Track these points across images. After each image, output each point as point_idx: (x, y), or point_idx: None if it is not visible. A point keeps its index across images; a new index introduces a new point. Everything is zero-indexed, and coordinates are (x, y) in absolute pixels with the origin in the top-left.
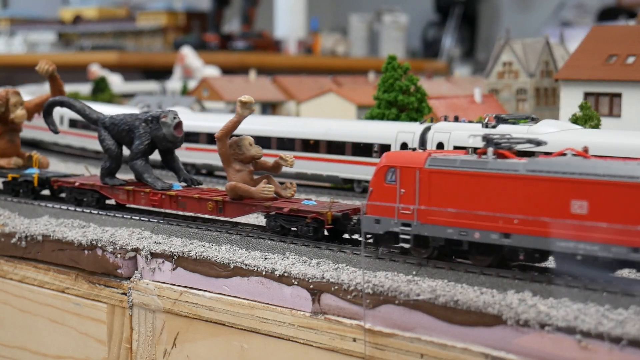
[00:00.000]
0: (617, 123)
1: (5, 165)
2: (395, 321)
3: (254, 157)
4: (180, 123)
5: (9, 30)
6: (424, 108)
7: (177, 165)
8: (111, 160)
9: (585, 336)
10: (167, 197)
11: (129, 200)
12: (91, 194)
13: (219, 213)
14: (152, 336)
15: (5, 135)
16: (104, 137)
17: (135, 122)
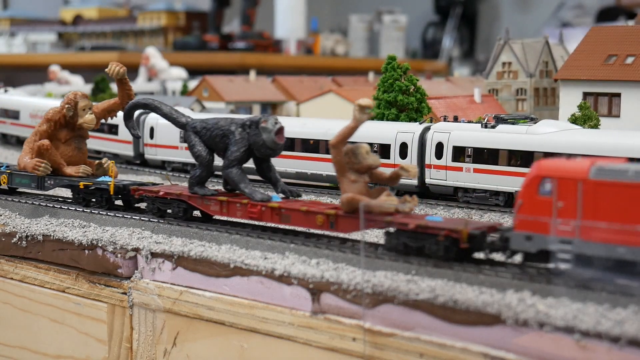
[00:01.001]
0: (616, 123)
1: (74, 174)
2: (395, 321)
3: (371, 166)
4: (282, 129)
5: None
6: (423, 108)
7: (274, 175)
8: (202, 168)
9: (584, 336)
10: (268, 209)
11: (222, 212)
12: (177, 204)
13: (330, 228)
14: (153, 336)
15: (73, 142)
16: (194, 142)
17: (230, 126)
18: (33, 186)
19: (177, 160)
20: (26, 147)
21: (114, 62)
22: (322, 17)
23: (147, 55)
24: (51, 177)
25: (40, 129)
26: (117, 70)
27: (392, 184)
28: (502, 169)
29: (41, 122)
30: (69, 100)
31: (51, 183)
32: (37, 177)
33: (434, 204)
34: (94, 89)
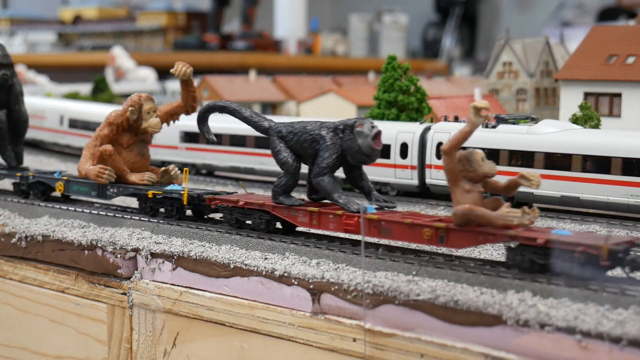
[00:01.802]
0: (617, 123)
1: (138, 181)
2: (395, 321)
3: (487, 175)
4: (379, 133)
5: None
6: (424, 108)
7: (367, 184)
8: (288, 176)
9: (585, 336)
10: (366, 221)
11: (311, 224)
12: (259, 215)
13: (438, 242)
14: (152, 336)
15: (136, 147)
16: (280, 148)
17: (321, 131)
18: (93, 194)
19: (177, 161)
20: (86, 153)
21: (181, 62)
22: (322, 17)
23: (113, 55)
24: (114, 185)
25: (101, 133)
26: (183, 70)
27: (507, 193)
28: (502, 169)
29: (102, 126)
30: (132, 103)
31: (114, 191)
32: (98, 184)
33: (434, 204)
34: (94, 89)
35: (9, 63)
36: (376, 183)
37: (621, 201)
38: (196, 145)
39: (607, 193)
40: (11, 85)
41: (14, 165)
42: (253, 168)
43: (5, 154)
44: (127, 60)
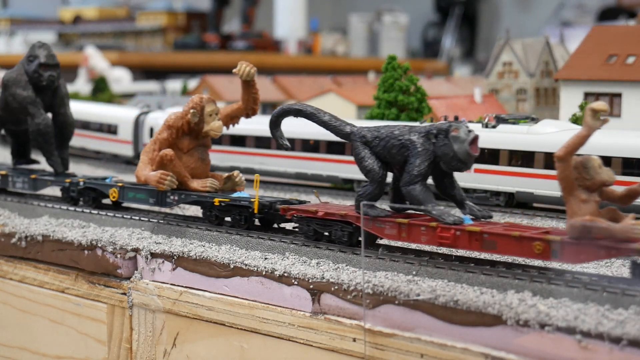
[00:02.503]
0: (617, 123)
1: (200, 188)
2: (395, 321)
3: (605, 182)
4: (476, 138)
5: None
6: (424, 108)
7: (459, 193)
8: (374, 185)
9: (585, 336)
10: (465, 233)
11: (400, 237)
12: (341, 227)
13: (551, 257)
14: (152, 336)
15: (196, 152)
16: (364, 155)
17: (410, 136)
18: (151, 202)
19: None
20: (144, 158)
21: (244, 62)
22: (322, 17)
23: (87, 55)
24: (175, 192)
25: (160, 137)
26: (247, 70)
27: (625, 203)
28: (502, 169)
29: (161, 130)
30: (194, 105)
31: (175, 199)
32: (157, 191)
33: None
34: (94, 89)
35: (55, 63)
36: None
37: None
38: None
39: None
40: (57, 87)
41: (60, 171)
42: (253, 168)
43: (51, 159)
44: (101, 61)
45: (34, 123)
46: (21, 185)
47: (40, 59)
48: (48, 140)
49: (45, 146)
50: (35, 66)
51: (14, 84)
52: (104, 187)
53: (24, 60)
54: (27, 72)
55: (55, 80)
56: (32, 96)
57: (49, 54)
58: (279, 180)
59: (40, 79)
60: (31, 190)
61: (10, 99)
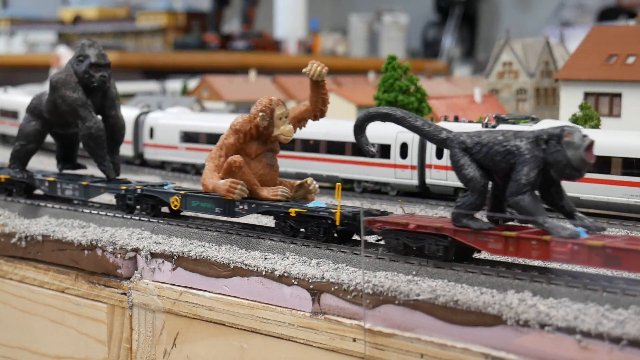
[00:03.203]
0: (617, 123)
1: (271, 197)
2: (395, 321)
3: None
4: (592, 144)
5: (9, 30)
6: (424, 108)
7: (568, 203)
8: (475, 195)
9: (585, 336)
10: (584, 248)
11: (507, 251)
12: (436, 240)
13: None
14: (152, 336)
15: (264, 158)
16: (464, 162)
17: (516, 141)
18: (218, 212)
19: (177, 161)
20: (210, 165)
21: (315, 62)
22: (322, 17)
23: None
24: (244, 201)
25: (226, 142)
26: (319, 70)
27: None
28: None
29: (227, 134)
30: (263, 107)
31: (244, 208)
32: (224, 200)
33: (435, 205)
34: None
35: (106, 63)
36: (376, 183)
37: (621, 201)
38: (196, 145)
39: (607, 193)
40: (107, 88)
41: (113, 177)
42: None
43: (103, 165)
44: None
45: (85, 127)
46: (71, 192)
47: (91, 58)
48: (100, 145)
49: (97, 151)
50: (86, 66)
51: (63, 85)
52: (164, 194)
53: (73, 60)
54: (77, 72)
55: (107, 81)
56: (83, 98)
57: (99, 53)
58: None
59: (91, 79)
60: (83, 198)
61: (59, 101)
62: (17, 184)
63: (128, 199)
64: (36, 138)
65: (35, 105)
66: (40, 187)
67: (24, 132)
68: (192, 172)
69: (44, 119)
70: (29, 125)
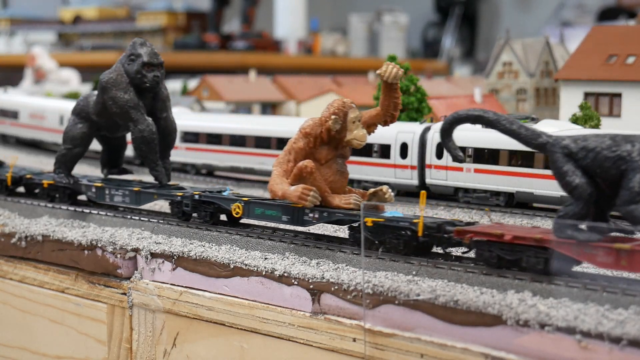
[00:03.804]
0: (617, 123)
1: (343, 205)
2: (395, 321)
3: None
4: None
5: (9, 30)
6: (424, 108)
7: None
8: (581, 204)
9: (585, 336)
10: None
11: (619, 265)
12: (535, 253)
13: None
14: (152, 336)
15: (334, 164)
16: (568, 169)
17: (627, 146)
18: (285, 220)
19: (177, 161)
20: (278, 170)
21: (390, 63)
22: (322, 17)
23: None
24: (315, 209)
25: (295, 146)
26: (394, 72)
27: None
28: (502, 169)
29: (296, 138)
30: (336, 110)
31: (315, 217)
32: (292, 208)
33: (435, 204)
34: (94, 89)
35: (159, 63)
36: (376, 183)
37: None
38: (196, 145)
39: None
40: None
41: (165, 182)
42: (253, 168)
43: (156, 170)
44: (48, 61)
45: (137, 129)
46: (121, 198)
47: (143, 57)
48: (152, 149)
49: (149, 155)
50: (138, 66)
51: (114, 86)
52: (225, 201)
53: (124, 60)
54: (128, 72)
55: (160, 82)
56: (135, 99)
57: (152, 52)
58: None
59: (144, 80)
60: (134, 205)
61: (109, 103)
62: (60, 190)
63: (185, 206)
64: (83, 141)
65: (82, 107)
66: (87, 193)
67: (69, 135)
68: (192, 172)
69: (91, 122)
70: (75, 128)
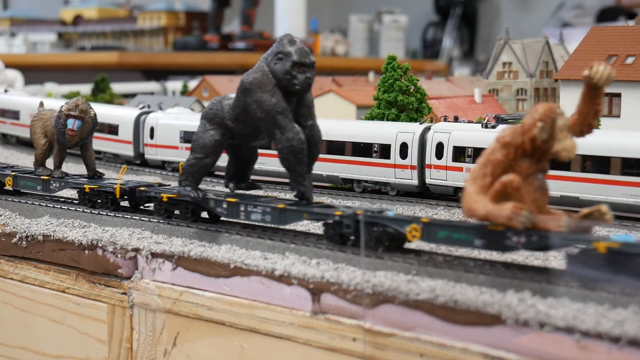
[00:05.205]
0: (617, 123)
1: (555, 228)
2: (395, 321)
3: None
4: None
5: (9, 30)
6: (423, 108)
7: None
8: None
9: (584, 336)
10: None
11: None
12: None
13: None
14: (153, 336)
15: (535, 180)
16: None
17: None
18: (479, 244)
19: (177, 161)
20: (475, 186)
21: (601, 63)
22: (322, 17)
23: None
24: (522, 232)
25: (492, 158)
26: (606, 74)
27: None
28: None
29: (492, 149)
30: (542, 116)
31: (521, 241)
32: (489, 231)
33: (434, 204)
34: (94, 89)
35: (311, 63)
36: (376, 183)
37: (621, 201)
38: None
39: (607, 193)
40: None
41: (312, 200)
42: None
43: (304, 185)
44: None
45: (285, 138)
46: (260, 216)
47: (293, 56)
48: (301, 160)
49: (297, 167)
50: (288, 66)
51: (259, 87)
52: (396, 223)
53: (269, 58)
54: (275, 73)
55: (312, 84)
56: (283, 104)
57: (302, 50)
58: (280, 180)
59: (293, 81)
60: (275, 223)
61: (253, 107)
62: (182, 205)
63: (346, 227)
64: (215, 150)
65: (215, 112)
66: (216, 209)
67: (200, 143)
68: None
69: (226, 128)
70: (206, 135)
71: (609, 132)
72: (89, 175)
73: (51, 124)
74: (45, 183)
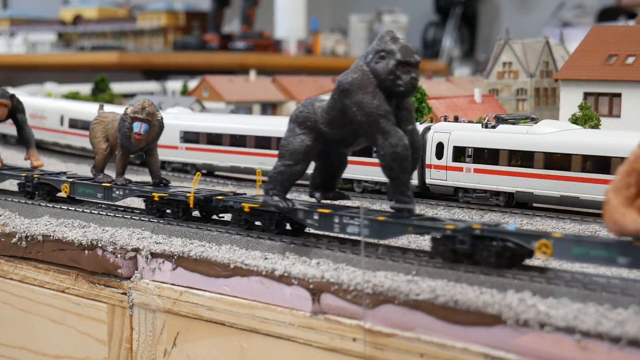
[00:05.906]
0: (617, 123)
1: None
2: (395, 321)
3: None
4: None
5: (10, 30)
6: (424, 108)
7: None
8: None
9: (584, 336)
10: None
11: None
12: None
13: None
14: (153, 336)
15: None
16: None
17: None
18: (622, 262)
19: (177, 161)
20: (618, 198)
21: None
22: (322, 17)
23: None
24: None
25: (636, 166)
26: None
27: None
28: (502, 169)
29: (637, 155)
30: None
31: None
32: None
33: (434, 204)
34: (94, 89)
35: (416, 62)
36: (376, 183)
37: None
38: (196, 145)
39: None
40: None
41: (415, 212)
42: (253, 168)
43: (407, 195)
44: None
45: (388, 144)
46: (356, 229)
47: (397, 55)
48: (405, 168)
49: (400, 176)
50: (392, 65)
51: (359, 88)
52: (521, 238)
53: (370, 57)
54: (377, 73)
55: (417, 85)
56: (386, 106)
57: (406, 48)
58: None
59: (397, 82)
60: (374, 238)
61: (353, 109)
62: (266, 215)
63: (460, 243)
64: (306, 157)
65: (307, 115)
66: (306, 220)
67: (289, 148)
68: (192, 172)
69: (318, 133)
70: (296, 140)
71: (609, 132)
72: (154, 182)
73: (113, 127)
74: (107, 190)
